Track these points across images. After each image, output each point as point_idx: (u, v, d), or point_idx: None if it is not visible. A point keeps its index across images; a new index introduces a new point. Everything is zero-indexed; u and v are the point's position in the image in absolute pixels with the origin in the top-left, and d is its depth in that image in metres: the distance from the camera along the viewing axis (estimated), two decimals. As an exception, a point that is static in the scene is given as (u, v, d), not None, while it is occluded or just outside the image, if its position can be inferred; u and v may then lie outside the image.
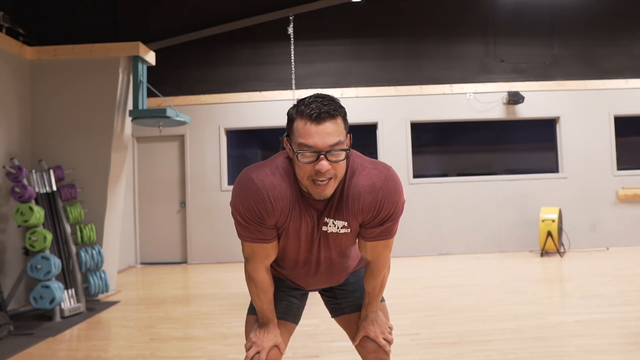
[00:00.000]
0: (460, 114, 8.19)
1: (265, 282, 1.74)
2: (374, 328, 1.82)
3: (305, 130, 1.44)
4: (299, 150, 1.45)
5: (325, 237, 1.67)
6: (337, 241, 1.69)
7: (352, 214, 1.60)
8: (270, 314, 1.79)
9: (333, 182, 1.51)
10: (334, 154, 1.46)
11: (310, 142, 1.44)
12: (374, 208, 1.58)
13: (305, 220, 1.62)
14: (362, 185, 1.57)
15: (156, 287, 6.37)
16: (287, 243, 1.69)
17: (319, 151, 1.44)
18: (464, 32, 8.20)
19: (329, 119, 1.45)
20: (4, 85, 5.08)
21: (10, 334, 4.12)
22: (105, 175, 5.50)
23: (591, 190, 8.12)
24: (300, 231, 1.65)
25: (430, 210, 8.12)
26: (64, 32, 5.59)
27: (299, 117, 1.47)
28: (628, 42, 8.20)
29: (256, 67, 8.13)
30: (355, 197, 1.57)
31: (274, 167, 1.58)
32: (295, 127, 1.48)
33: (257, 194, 1.54)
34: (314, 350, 3.57)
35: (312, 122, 1.44)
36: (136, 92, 5.62)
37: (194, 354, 3.62)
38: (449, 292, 5.34)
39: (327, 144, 1.44)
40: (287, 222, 1.61)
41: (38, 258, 4.57)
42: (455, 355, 3.36)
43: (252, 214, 1.56)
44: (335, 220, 1.61)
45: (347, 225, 1.63)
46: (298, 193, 1.59)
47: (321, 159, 1.44)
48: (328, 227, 1.63)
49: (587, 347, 3.38)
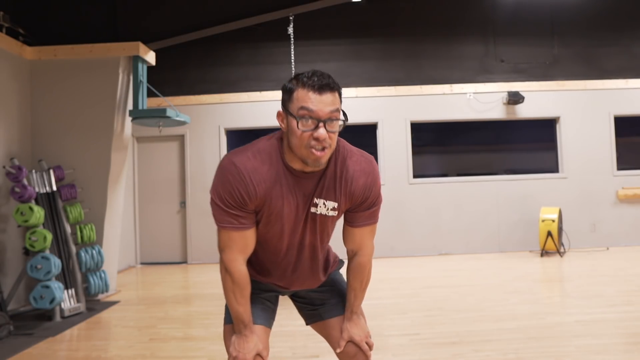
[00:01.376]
0: (460, 114, 8.19)
1: (243, 276, 1.66)
2: (358, 332, 1.79)
3: (307, 98, 1.51)
4: (301, 116, 1.51)
5: (313, 219, 1.68)
6: (323, 224, 1.70)
7: (344, 195, 1.65)
8: (247, 318, 1.69)
9: (328, 151, 1.55)
10: (332, 123, 1.53)
11: (312, 107, 1.50)
12: (365, 191, 1.66)
13: (289, 201, 1.62)
14: (354, 169, 1.65)
15: (156, 287, 6.37)
16: (269, 227, 1.66)
17: (318, 119, 1.50)
18: (464, 32, 8.20)
19: (329, 90, 1.52)
20: (4, 85, 5.08)
21: (10, 334, 4.12)
22: (105, 175, 5.50)
23: (591, 190, 8.12)
24: (283, 212, 1.63)
25: (430, 210, 8.12)
26: (64, 32, 5.59)
27: (300, 86, 1.53)
28: (628, 42, 8.20)
29: (256, 67, 8.12)
30: (350, 180, 1.64)
31: (255, 150, 1.61)
32: (295, 96, 1.53)
33: (239, 178, 1.56)
34: (314, 350, 3.57)
35: (315, 92, 1.51)
36: (136, 92, 5.62)
37: (194, 354, 3.62)
38: (449, 292, 5.34)
39: (327, 113, 1.51)
40: (270, 204, 1.61)
41: (38, 258, 4.57)
42: (455, 355, 3.36)
43: (233, 198, 1.57)
44: (327, 200, 1.65)
45: (337, 207, 1.66)
46: (283, 173, 1.61)
47: (320, 127, 1.51)
48: (318, 208, 1.65)
49: (587, 347, 3.38)
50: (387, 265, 7.18)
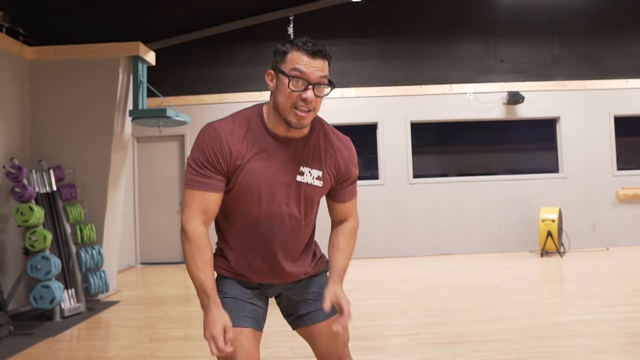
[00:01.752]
0: (460, 114, 8.19)
1: (200, 236, 1.61)
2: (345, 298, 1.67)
3: (300, 60, 1.57)
4: (293, 76, 1.56)
5: (298, 188, 1.68)
6: (307, 193, 1.69)
7: (330, 166, 1.72)
8: (209, 287, 1.61)
9: (311, 114, 1.61)
10: (320, 88, 1.59)
11: (304, 69, 1.56)
12: (349, 164, 1.76)
13: (268, 165, 1.63)
14: (338, 143, 1.75)
15: (156, 287, 6.37)
16: (246, 192, 1.63)
17: (309, 81, 1.56)
18: (464, 32, 8.20)
19: (321, 57, 1.59)
20: (4, 85, 5.08)
21: (10, 334, 4.11)
22: (105, 175, 5.50)
23: (591, 190, 8.12)
24: (259, 176, 1.62)
25: (430, 210, 8.12)
26: (64, 32, 5.58)
27: (295, 49, 1.58)
28: (628, 42, 8.20)
29: (256, 67, 8.11)
30: (335, 151, 1.73)
31: (235, 117, 1.67)
32: (289, 57, 1.58)
33: (215, 138, 1.61)
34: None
35: (309, 56, 1.57)
36: (136, 92, 5.62)
37: (194, 354, 3.63)
38: (449, 292, 5.34)
39: (317, 76, 1.57)
40: (245, 167, 1.62)
41: (38, 258, 4.57)
42: (455, 355, 3.36)
43: (206, 156, 1.60)
44: (312, 169, 1.69)
45: (321, 176, 1.70)
46: (264, 138, 1.64)
47: (309, 89, 1.57)
48: (304, 177, 1.68)
49: (587, 347, 3.38)
50: (387, 265, 7.18)
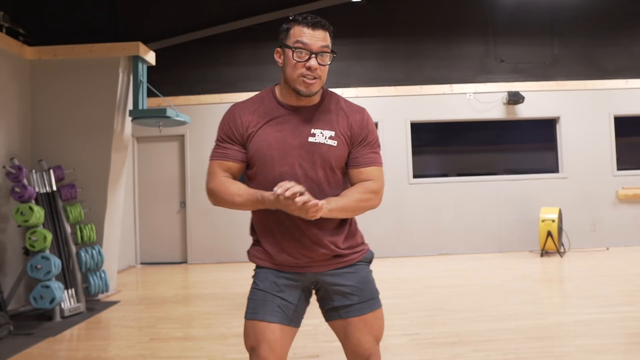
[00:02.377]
0: (460, 114, 8.19)
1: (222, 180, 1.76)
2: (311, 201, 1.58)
3: (302, 32, 1.72)
4: (296, 47, 1.70)
5: (310, 148, 1.75)
6: (322, 153, 1.75)
7: (341, 126, 1.79)
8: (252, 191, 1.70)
9: (318, 82, 1.74)
10: (322, 56, 1.72)
11: (306, 40, 1.70)
12: (363, 127, 1.82)
13: (279, 129, 1.75)
14: (349, 107, 1.84)
15: (156, 287, 6.37)
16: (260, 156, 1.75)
17: (311, 51, 1.70)
18: (464, 32, 8.20)
19: (321, 28, 1.74)
20: (4, 85, 5.08)
21: (10, 334, 4.11)
22: (105, 175, 5.50)
23: (591, 190, 8.12)
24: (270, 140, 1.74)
25: (430, 210, 8.12)
26: (64, 32, 5.58)
27: (296, 24, 1.74)
28: (628, 42, 8.20)
29: (256, 67, 8.12)
30: (344, 114, 1.81)
31: (252, 97, 1.86)
32: (292, 32, 1.74)
33: (230, 114, 1.83)
34: (314, 350, 3.57)
35: (309, 27, 1.72)
36: (136, 92, 5.62)
37: (194, 354, 3.63)
38: (449, 292, 5.34)
39: (319, 46, 1.71)
40: (257, 133, 1.76)
41: (38, 258, 4.57)
42: (455, 355, 3.36)
43: (223, 131, 1.81)
44: (324, 130, 1.77)
45: (334, 136, 1.77)
46: (275, 109, 1.78)
47: (312, 58, 1.70)
48: (316, 137, 1.76)
49: (587, 347, 3.38)
50: (387, 265, 7.18)
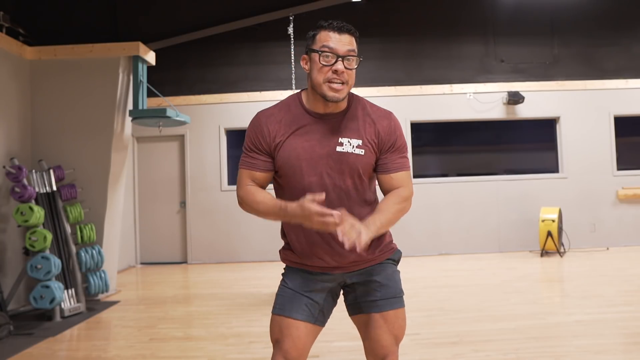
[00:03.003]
0: (460, 114, 8.19)
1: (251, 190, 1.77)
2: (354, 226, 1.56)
3: (328, 37, 1.71)
4: (322, 51, 1.70)
5: (338, 158, 1.74)
6: (350, 163, 1.74)
7: (368, 134, 1.77)
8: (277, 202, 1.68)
9: (346, 88, 1.72)
10: (349, 60, 1.71)
11: (332, 44, 1.70)
12: (390, 133, 1.79)
13: (307, 139, 1.74)
14: (375, 113, 1.82)
15: (156, 287, 6.37)
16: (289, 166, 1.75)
17: (337, 54, 1.69)
18: (464, 32, 8.20)
19: (348, 33, 1.73)
20: (4, 85, 5.08)
21: (10, 334, 4.11)
22: (105, 175, 5.50)
23: (591, 190, 8.12)
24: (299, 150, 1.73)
25: (430, 210, 8.11)
26: (64, 32, 5.58)
27: (322, 29, 1.73)
28: (628, 42, 8.20)
29: (256, 67, 8.12)
30: (373, 120, 1.79)
31: (278, 103, 1.85)
32: (318, 37, 1.73)
33: (257, 123, 1.81)
34: (314, 350, 3.56)
35: (335, 32, 1.71)
36: (136, 92, 5.62)
37: (194, 354, 3.63)
38: (449, 292, 5.34)
39: (345, 50, 1.70)
40: (285, 143, 1.75)
41: (38, 258, 4.57)
42: (455, 355, 3.36)
43: (251, 140, 1.80)
44: (351, 138, 1.76)
45: (362, 144, 1.76)
46: (302, 117, 1.77)
47: (339, 61, 1.69)
48: (343, 146, 1.75)
49: (587, 347, 3.38)
50: (387, 265, 7.17)
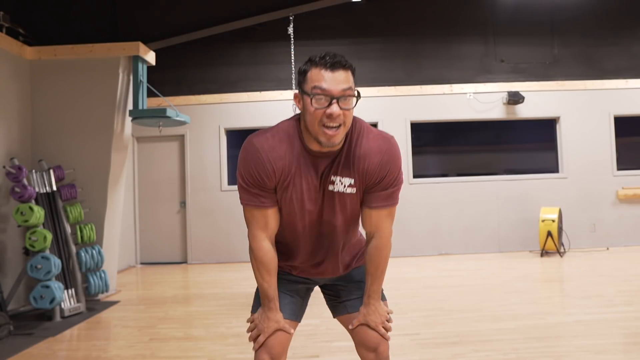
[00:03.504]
0: (460, 114, 8.19)
1: (266, 253, 1.72)
2: (374, 317, 1.79)
3: (320, 76, 1.55)
4: (314, 93, 1.54)
5: (331, 197, 1.69)
6: (342, 202, 1.70)
7: (358, 173, 1.67)
8: (272, 293, 1.75)
9: (342, 130, 1.58)
10: (345, 100, 1.55)
11: (324, 85, 1.54)
12: (380, 170, 1.67)
13: (307, 179, 1.66)
14: (369, 147, 1.66)
15: (156, 287, 6.37)
16: (289, 204, 1.69)
17: (331, 96, 1.54)
18: (464, 32, 8.20)
19: (341, 68, 1.56)
20: (4, 85, 5.08)
21: (10, 334, 4.11)
22: (105, 175, 5.50)
23: (591, 190, 8.12)
24: (302, 190, 1.67)
25: (430, 210, 8.12)
26: (64, 32, 5.58)
27: (313, 66, 1.57)
28: (628, 42, 8.20)
29: (256, 67, 8.12)
30: (363, 157, 1.66)
31: (274, 131, 1.67)
32: (309, 76, 1.58)
33: (257, 157, 1.63)
34: (314, 350, 3.56)
35: (327, 70, 1.55)
36: (136, 92, 5.62)
37: (194, 354, 3.62)
38: (449, 292, 5.34)
39: (340, 89, 1.54)
40: (288, 182, 1.66)
41: (38, 258, 4.57)
42: (455, 355, 3.36)
43: (252, 177, 1.64)
44: (343, 177, 1.67)
45: (354, 183, 1.68)
46: (300, 152, 1.65)
47: (333, 103, 1.54)
48: (335, 185, 1.67)
49: (587, 347, 3.38)
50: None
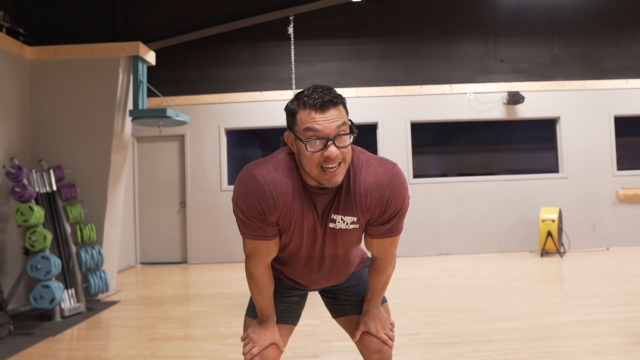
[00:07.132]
0: (460, 114, 8.18)
1: (266, 279, 1.74)
2: (374, 324, 1.81)
3: (311, 118, 1.45)
4: (308, 139, 1.45)
5: (333, 234, 1.64)
6: (345, 237, 1.67)
7: (360, 210, 1.60)
8: (270, 312, 1.79)
9: (343, 167, 1.51)
10: (341, 139, 1.47)
11: (317, 127, 1.45)
12: (381, 205, 1.59)
13: (307, 216, 1.60)
14: (369, 182, 1.58)
15: (156, 287, 6.37)
16: (289, 239, 1.66)
17: (326, 137, 1.45)
18: (464, 32, 8.20)
19: (332, 106, 1.46)
20: (4, 85, 5.08)
21: (10, 333, 4.11)
22: (105, 175, 5.50)
23: (591, 190, 8.12)
24: (303, 227, 1.62)
25: (430, 210, 8.12)
26: (64, 32, 5.58)
27: (302, 108, 1.48)
28: (628, 42, 8.20)
29: (256, 67, 8.12)
30: (363, 194, 1.58)
31: (276, 163, 1.58)
32: (299, 118, 1.48)
33: (259, 191, 1.54)
34: (314, 350, 3.56)
35: (317, 111, 1.45)
36: (136, 92, 5.62)
37: (194, 354, 3.62)
38: (449, 292, 5.34)
39: (334, 128, 1.45)
40: (290, 218, 1.60)
41: (38, 258, 4.57)
42: (455, 355, 3.36)
43: (253, 210, 1.55)
44: (345, 216, 1.60)
45: (357, 220, 1.62)
46: (301, 188, 1.58)
47: (329, 145, 1.45)
48: (336, 223, 1.61)
49: (587, 347, 3.38)
50: (387, 265, 7.17)
